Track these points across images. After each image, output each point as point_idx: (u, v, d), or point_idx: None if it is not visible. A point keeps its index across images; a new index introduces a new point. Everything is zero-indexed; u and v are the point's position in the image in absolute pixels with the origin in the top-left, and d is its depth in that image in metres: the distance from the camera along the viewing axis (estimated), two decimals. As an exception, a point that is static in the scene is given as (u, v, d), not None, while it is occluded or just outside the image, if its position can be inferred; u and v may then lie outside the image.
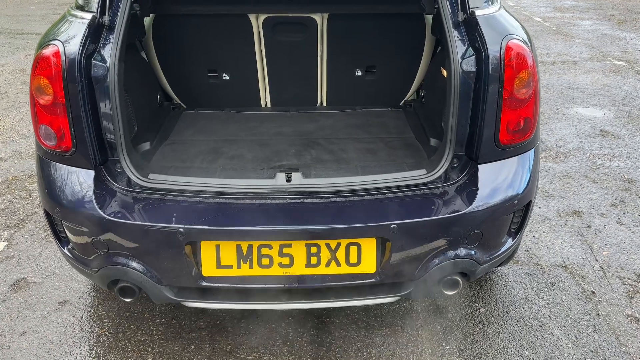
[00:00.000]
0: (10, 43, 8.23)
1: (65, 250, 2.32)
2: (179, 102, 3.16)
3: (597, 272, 3.05)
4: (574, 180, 4.09)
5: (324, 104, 3.18)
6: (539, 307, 2.80)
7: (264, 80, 3.10)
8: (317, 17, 2.90)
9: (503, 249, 2.31)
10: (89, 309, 2.79)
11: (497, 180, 2.21)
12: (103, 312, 2.76)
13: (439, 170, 2.17)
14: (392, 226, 2.03)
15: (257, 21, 2.92)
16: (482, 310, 2.77)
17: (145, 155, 2.49)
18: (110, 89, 2.08)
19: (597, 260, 3.15)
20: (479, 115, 2.13)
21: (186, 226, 2.02)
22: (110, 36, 2.13)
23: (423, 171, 2.22)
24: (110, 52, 2.10)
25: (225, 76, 3.06)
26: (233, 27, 2.92)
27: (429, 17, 2.92)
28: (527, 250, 3.24)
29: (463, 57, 2.11)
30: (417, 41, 2.97)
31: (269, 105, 3.16)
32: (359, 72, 3.07)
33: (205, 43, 2.97)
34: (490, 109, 2.11)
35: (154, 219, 2.07)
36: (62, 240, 2.33)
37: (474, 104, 2.14)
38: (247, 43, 2.95)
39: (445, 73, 2.66)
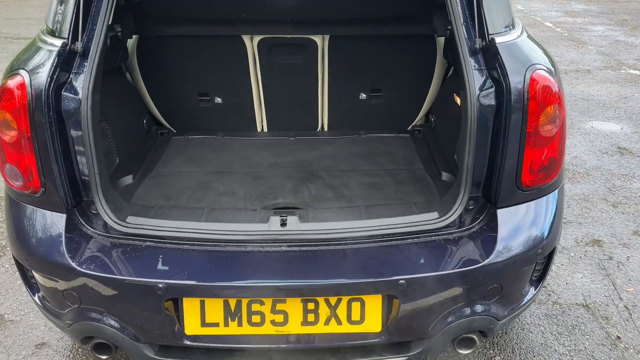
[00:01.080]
0: (5, 48, 8.03)
1: (36, 298, 2.09)
2: (168, 126, 2.92)
3: (621, 313, 2.79)
4: (593, 204, 3.83)
5: (325, 128, 2.93)
6: (560, 354, 2.55)
7: (260, 104, 2.86)
8: (317, 38, 2.65)
9: (524, 301, 2.07)
10: (68, 353, 2.56)
11: (518, 226, 1.97)
12: (83, 357, 2.53)
13: (452, 214, 1.93)
14: (400, 281, 1.79)
15: (251, 42, 2.68)
16: (497, 358, 2.53)
17: (127, 191, 2.26)
18: (83, 124, 1.85)
19: (621, 298, 2.90)
20: (498, 154, 1.89)
21: (166, 281, 1.79)
22: (85, 64, 1.89)
23: (434, 214, 1.98)
24: (83, 82, 1.86)
25: (218, 100, 2.82)
26: (225, 49, 2.68)
27: (441, 39, 2.67)
28: (545, 287, 2.99)
29: (481, 89, 1.87)
30: (427, 63, 2.72)
31: (265, 129, 2.93)
32: (363, 95, 2.82)
33: (196, 65, 2.73)
34: (511, 148, 1.86)
35: (131, 271, 1.84)
36: (32, 286, 2.10)
37: (492, 142, 1.90)
38: (241, 65, 2.71)
39: (458, 100, 2.41)
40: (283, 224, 1.94)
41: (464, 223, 1.96)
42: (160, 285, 1.78)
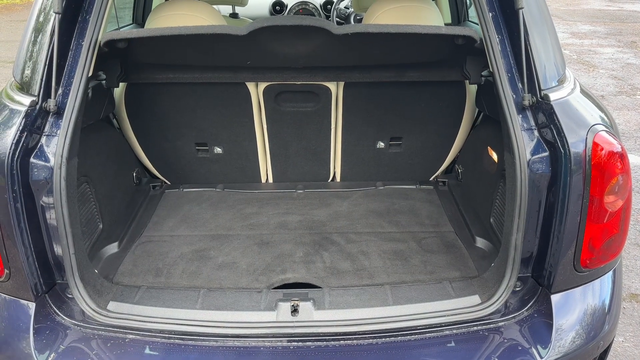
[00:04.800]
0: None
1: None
2: (162, 178, 2.61)
3: (675, 389, 2.46)
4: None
5: (338, 179, 2.62)
6: None
7: (265, 155, 2.55)
8: (331, 84, 2.35)
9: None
10: None
11: (575, 314, 1.66)
12: None
13: (498, 300, 1.63)
14: (439, 390, 1.47)
15: (256, 89, 2.38)
16: None
17: (110, 264, 1.94)
18: (55, 198, 1.54)
19: (672, 368, 2.57)
20: (553, 230, 1.59)
21: (153, 391, 1.46)
22: (59, 124, 1.59)
23: (476, 299, 1.67)
24: (56, 146, 1.56)
25: (218, 150, 2.50)
26: (226, 96, 2.38)
27: (472, 87, 2.37)
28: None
29: (532, 154, 1.57)
30: (455, 109, 2.42)
31: (270, 180, 2.61)
32: (381, 144, 2.52)
33: (192, 112, 2.42)
34: (570, 224, 1.56)
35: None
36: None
37: (545, 216, 1.60)
38: (244, 113, 2.40)
39: (494, 155, 2.11)
40: (294, 311, 1.62)
41: (510, 308, 1.65)
42: (146, 397, 1.46)
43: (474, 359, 1.55)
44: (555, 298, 1.63)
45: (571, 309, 1.65)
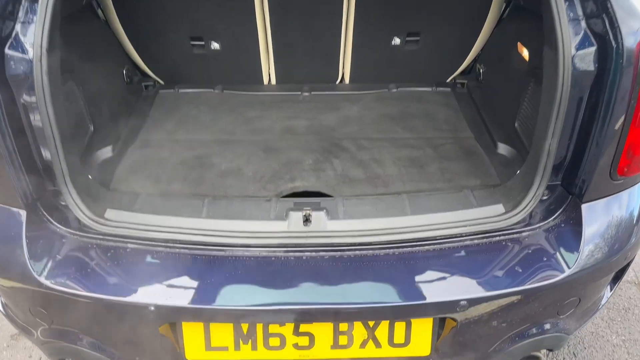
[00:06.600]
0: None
1: (0, 307, 1.70)
2: (154, 77, 2.39)
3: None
4: None
5: (347, 80, 2.42)
6: (613, 345, 2.25)
7: (267, 51, 2.32)
8: None
9: (599, 307, 1.72)
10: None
11: (605, 225, 1.56)
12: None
13: (524, 209, 1.52)
14: (461, 302, 1.41)
15: None
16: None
17: (105, 170, 1.80)
18: (38, 95, 1.36)
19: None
20: (593, 134, 1.44)
21: (159, 303, 1.38)
22: (36, 8, 1.37)
23: (499, 208, 1.56)
24: (34, 35, 1.36)
25: (215, 45, 2.27)
26: None
27: None
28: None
29: (577, 48, 1.38)
30: (480, 2, 2.17)
31: (273, 81, 2.41)
32: (396, 40, 2.28)
33: (185, 0, 2.16)
34: (611, 127, 1.42)
35: (112, 286, 1.43)
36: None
37: (585, 119, 1.45)
38: (244, 3, 2.14)
39: (525, 52, 1.91)
40: (306, 220, 1.51)
41: (536, 218, 1.55)
42: (152, 309, 1.38)
43: (498, 273, 1.47)
44: (585, 207, 1.53)
45: (600, 219, 1.54)
